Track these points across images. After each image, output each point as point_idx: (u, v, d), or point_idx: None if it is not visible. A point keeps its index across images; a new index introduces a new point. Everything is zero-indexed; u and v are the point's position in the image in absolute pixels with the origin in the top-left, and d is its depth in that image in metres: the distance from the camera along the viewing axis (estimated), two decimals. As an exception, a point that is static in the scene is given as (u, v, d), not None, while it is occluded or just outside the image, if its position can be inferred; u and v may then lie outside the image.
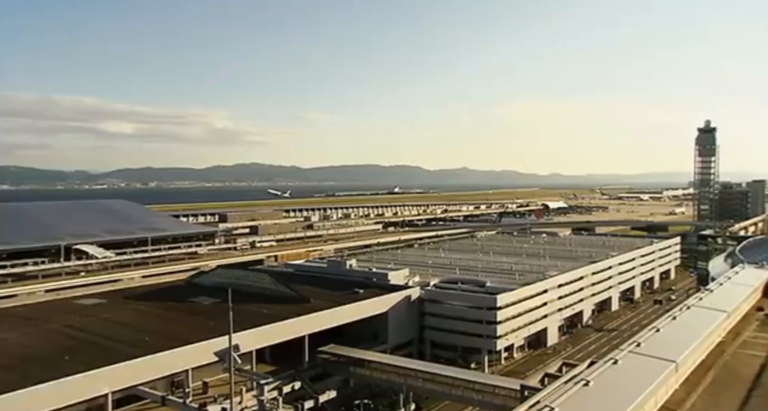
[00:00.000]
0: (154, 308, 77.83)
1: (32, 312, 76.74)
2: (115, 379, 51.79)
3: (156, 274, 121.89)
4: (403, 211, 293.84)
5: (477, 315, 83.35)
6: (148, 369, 54.64)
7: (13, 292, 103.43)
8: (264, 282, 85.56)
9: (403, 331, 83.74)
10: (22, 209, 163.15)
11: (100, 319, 71.56)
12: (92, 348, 58.41)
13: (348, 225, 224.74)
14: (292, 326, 68.40)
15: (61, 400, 48.78)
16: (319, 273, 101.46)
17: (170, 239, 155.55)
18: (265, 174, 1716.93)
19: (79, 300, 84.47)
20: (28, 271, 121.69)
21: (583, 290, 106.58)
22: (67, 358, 54.18)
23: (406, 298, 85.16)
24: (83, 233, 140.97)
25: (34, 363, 53.62)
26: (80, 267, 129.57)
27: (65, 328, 66.71)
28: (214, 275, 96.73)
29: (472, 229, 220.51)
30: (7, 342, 60.95)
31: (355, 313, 77.43)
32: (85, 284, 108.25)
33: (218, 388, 60.69)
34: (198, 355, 57.59)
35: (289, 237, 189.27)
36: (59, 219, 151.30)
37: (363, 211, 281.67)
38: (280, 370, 66.90)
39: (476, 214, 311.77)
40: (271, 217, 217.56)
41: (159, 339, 60.55)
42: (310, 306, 76.05)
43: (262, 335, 64.62)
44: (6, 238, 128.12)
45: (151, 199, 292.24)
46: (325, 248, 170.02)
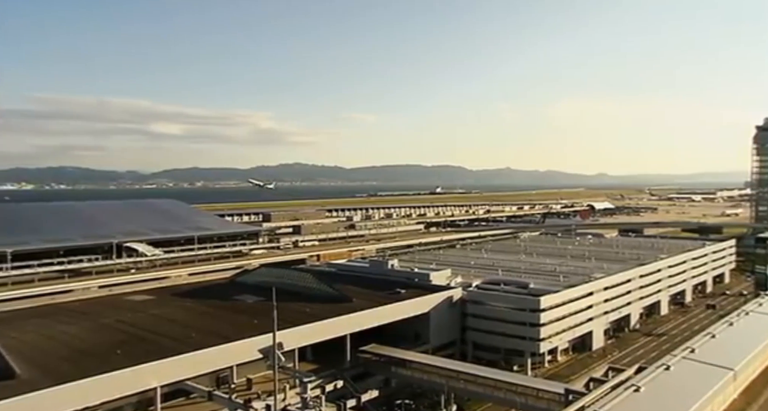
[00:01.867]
0: (199, 305, 79.63)
1: (87, 307, 79.64)
2: (164, 374, 53.26)
3: (202, 272, 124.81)
4: (445, 211, 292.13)
5: (520, 317, 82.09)
6: (195, 365, 55.96)
7: (69, 288, 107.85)
8: (306, 281, 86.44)
9: (444, 331, 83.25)
10: (77, 208, 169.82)
11: (148, 314, 73.68)
12: (142, 343, 60.19)
13: (390, 225, 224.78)
14: (334, 325, 68.88)
15: (114, 391, 50.63)
16: (360, 273, 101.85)
17: (216, 238, 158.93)
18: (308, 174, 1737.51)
19: (130, 296, 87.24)
20: (83, 268, 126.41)
21: (630, 293, 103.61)
22: (119, 352, 55.98)
23: (448, 299, 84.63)
24: (134, 232, 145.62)
25: (90, 355, 55.70)
26: (131, 264, 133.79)
27: (117, 322, 68.97)
28: (257, 274, 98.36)
29: (515, 229, 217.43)
30: (66, 335, 63.55)
31: (397, 313, 77.40)
32: (135, 281, 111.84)
33: (261, 385, 61.69)
34: (242, 352, 58.66)
35: (332, 237, 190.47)
36: (112, 218, 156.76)
37: (405, 211, 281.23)
38: (322, 369, 67.44)
39: (519, 215, 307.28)
40: (313, 217, 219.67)
41: (205, 336, 61.90)
42: (352, 305, 76.42)
43: (304, 334, 65.30)
44: (63, 236, 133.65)
45: (197, 199, 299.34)
46: (366, 248, 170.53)
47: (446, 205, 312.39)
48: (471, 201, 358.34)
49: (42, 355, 55.78)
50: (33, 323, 68.88)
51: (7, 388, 46.47)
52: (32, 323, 68.93)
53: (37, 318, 72.21)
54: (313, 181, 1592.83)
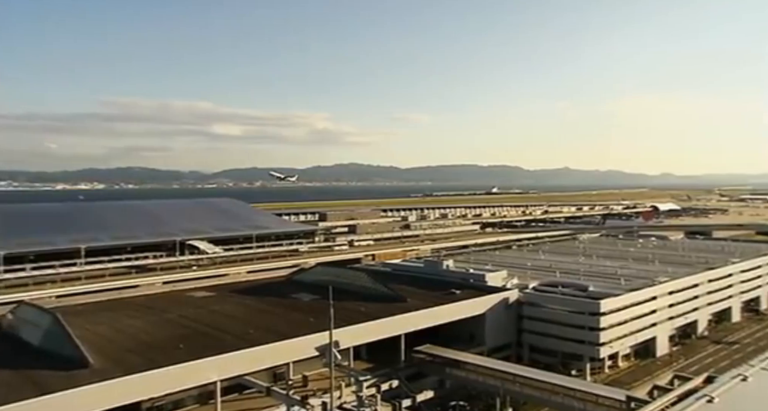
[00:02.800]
0: (257, 303, 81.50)
1: (152, 302, 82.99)
2: (223, 368, 54.84)
3: (259, 270, 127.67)
4: (502, 211, 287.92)
5: (578, 320, 79.99)
6: (253, 360, 57.35)
7: (136, 283, 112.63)
8: (362, 280, 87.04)
9: (500, 333, 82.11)
10: (144, 207, 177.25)
11: (209, 310, 75.99)
12: (203, 338, 62.13)
13: (445, 225, 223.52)
14: (389, 325, 69.09)
15: (177, 384, 52.65)
16: (415, 273, 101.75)
17: (273, 237, 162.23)
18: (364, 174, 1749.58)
19: (191, 292, 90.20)
20: (149, 264, 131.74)
21: (697, 298, 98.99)
22: (182, 346, 57.97)
23: (504, 300, 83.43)
24: (196, 230, 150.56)
25: (155, 348, 57.98)
26: (192, 261, 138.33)
27: (180, 317, 71.49)
28: (313, 273, 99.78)
29: (574, 231, 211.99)
30: (133, 328, 66.41)
31: (452, 313, 76.91)
32: (197, 278, 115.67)
33: (317, 382, 62.49)
34: (299, 350, 59.66)
35: (387, 236, 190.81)
36: (175, 216, 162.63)
37: (460, 211, 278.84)
38: (377, 368, 67.76)
39: (578, 216, 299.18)
40: (369, 217, 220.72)
41: (262, 332, 63.31)
42: (407, 305, 76.43)
43: (359, 332, 65.80)
44: (130, 233, 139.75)
45: (256, 198, 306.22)
46: (421, 248, 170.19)
47: (502, 205, 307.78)
48: (528, 201, 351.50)
49: (111, 346, 58.47)
50: (104, 316, 72.34)
51: (82, 376, 49.19)
52: (103, 316, 72.41)
53: (107, 311, 75.81)
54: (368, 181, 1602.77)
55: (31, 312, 64.75)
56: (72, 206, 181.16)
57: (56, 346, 55.52)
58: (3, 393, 45.52)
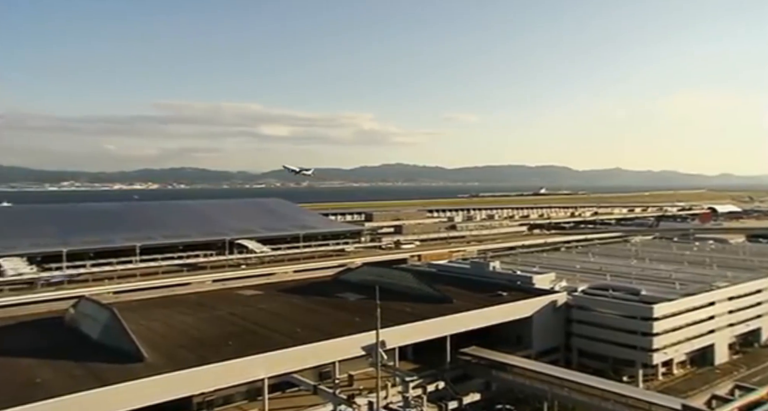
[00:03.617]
0: (304, 302, 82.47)
1: (202, 299, 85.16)
2: (271, 366, 55.76)
3: (306, 270, 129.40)
4: (550, 212, 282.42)
5: (630, 325, 77.61)
6: (300, 359, 58.08)
7: (187, 281, 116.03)
8: (408, 281, 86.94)
9: (548, 336, 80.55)
10: (195, 207, 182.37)
11: (257, 308, 77.38)
12: (251, 335, 63.30)
13: (491, 226, 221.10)
14: (435, 325, 68.78)
15: (226, 380, 53.90)
16: (461, 274, 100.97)
17: (320, 236, 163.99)
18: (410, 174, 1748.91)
19: (240, 290, 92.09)
20: (199, 262, 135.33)
21: (761, 305, 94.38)
22: (231, 343, 59.24)
23: (552, 303, 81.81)
24: (244, 229, 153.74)
25: (205, 345, 59.45)
26: (241, 260, 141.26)
27: (229, 315, 73.09)
28: (359, 272, 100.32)
29: (625, 233, 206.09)
30: (185, 325, 68.33)
31: (498, 315, 75.94)
32: (245, 276, 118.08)
33: (362, 382, 62.78)
34: (345, 349, 60.06)
35: (432, 237, 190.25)
36: (225, 216, 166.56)
37: (507, 212, 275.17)
38: (422, 369, 67.53)
39: (630, 218, 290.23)
40: (415, 217, 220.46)
41: (309, 331, 63.99)
42: (453, 306, 75.91)
43: (405, 333, 65.72)
44: (182, 232, 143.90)
45: (303, 198, 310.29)
46: (468, 249, 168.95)
47: (551, 206, 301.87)
48: (577, 202, 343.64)
49: (164, 341, 60.31)
50: (157, 312, 74.70)
51: (138, 370, 50.98)
52: (156, 312, 74.78)
53: (160, 308, 78.27)
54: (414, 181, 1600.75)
55: (91, 307, 67.42)
56: (128, 206, 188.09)
57: (114, 340, 57.67)
58: (68, 383, 47.74)
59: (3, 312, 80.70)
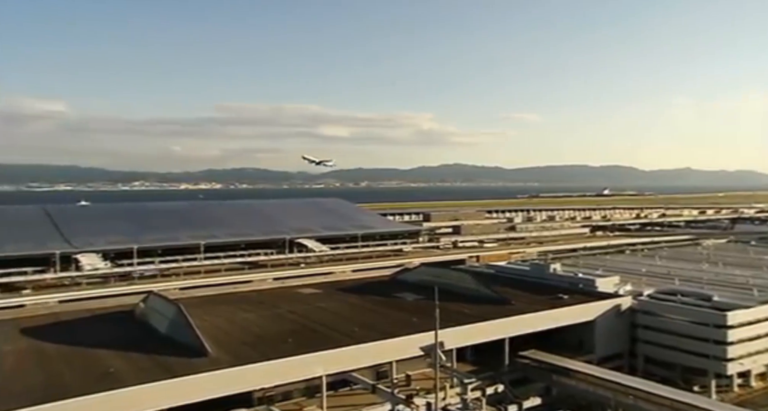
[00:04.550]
0: (362, 301, 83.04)
1: (263, 297, 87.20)
2: (329, 364, 56.39)
3: (364, 269, 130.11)
4: (614, 214, 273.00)
5: (701, 332, 73.80)
6: (358, 357, 58.51)
7: (249, 278, 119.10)
8: (466, 282, 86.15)
9: (611, 342, 77.86)
10: (256, 206, 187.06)
11: (316, 307, 78.48)
12: (310, 333, 64.27)
13: (552, 227, 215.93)
14: (493, 327, 67.82)
15: (286, 376, 54.96)
16: (520, 275, 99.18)
17: (378, 236, 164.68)
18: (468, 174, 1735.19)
19: (299, 289, 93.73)
20: (260, 261, 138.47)
21: None
22: (290, 341, 60.34)
23: (616, 308, 79.01)
24: (304, 228, 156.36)
25: (265, 341, 60.82)
26: (300, 259, 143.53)
27: (288, 313, 74.51)
28: (417, 273, 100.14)
29: (696, 236, 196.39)
30: (246, 321, 70.19)
31: (559, 318, 74.04)
32: (304, 275, 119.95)
33: (420, 382, 62.65)
34: (403, 349, 60.03)
35: (491, 238, 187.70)
36: (285, 215, 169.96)
37: (569, 213, 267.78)
38: (480, 371, 66.69)
39: (701, 220, 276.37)
40: (473, 218, 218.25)
41: (367, 330, 64.36)
42: (512, 308, 74.64)
43: (464, 334, 65.08)
44: (244, 231, 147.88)
45: (361, 198, 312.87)
46: (527, 251, 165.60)
47: (615, 207, 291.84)
48: (643, 203, 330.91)
49: (227, 337, 62.09)
50: (220, 309, 77.06)
51: (202, 364, 52.75)
52: (220, 309, 77.15)
53: (223, 304, 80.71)
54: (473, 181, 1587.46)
55: (159, 302, 70.26)
56: (193, 205, 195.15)
57: (180, 334, 59.87)
58: (138, 374, 50.08)
59: (81, 305, 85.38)
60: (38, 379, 49.61)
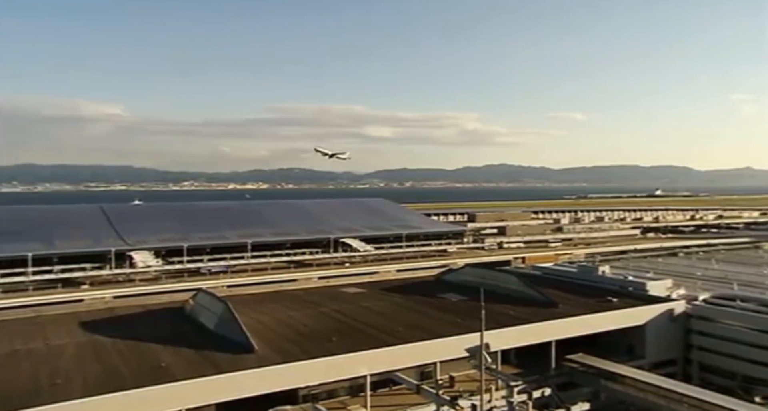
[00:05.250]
0: (406, 301, 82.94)
1: (308, 295, 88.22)
2: (373, 363, 56.59)
3: (408, 269, 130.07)
4: (666, 215, 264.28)
5: (763, 340, 70.44)
6: (402, 357, 58.47)
7: (294, 277, 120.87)
8: (511, 283, 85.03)
9: (663, 347, 75.34)
10: (302, 206, 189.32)
11: (360, 306, 78.84)
12: (354, 332, 64.63)
13: (601, 229, 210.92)
14: (539, 330, 66.66)
15: (331, 375, 55.37)
16: (567, 278, 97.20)
17: (422, 236, 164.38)
18: (514, 175, 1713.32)
19: (344, 288, 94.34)
20: (305, 260, 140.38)
21: None
22: (335, 339, 60.83)
23: (668, 312, 76.41)
24: (348, 228, 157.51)
25: (310, 339, 61.49)
26: (345, 258, 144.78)
27: (333, 312, 75.10)
28: (462, 273, 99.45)
29: (756, 238, 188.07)
30: (292, 319, 71.13)
31: (608, 322, 72.15)
32: (349, 274, 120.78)
33: (463, 384, 62.11)
34: (447, 349, 59.71)
35: (537, 239, 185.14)
36: (330, 215, 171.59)
37: (618, 214, 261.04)
38: (525, 374, 65.54)
39: (763, 222, 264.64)
40: (519, 219, 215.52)
41: (411, 330, 64.27)
42: (558, 311, 73.23)
43: (509, 336, 64.22)
44: (290, 230, 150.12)
45: (406, 198, 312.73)
46: (575, 252, 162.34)
47: (667, 208, 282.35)
48: (698, 205, 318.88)
49: (273, 335, 63.10)
50: (266, 307, 78.38)
51: (249, 360, 53.82)
52: (265, 306, 78.49)
53: (269, 302, 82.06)
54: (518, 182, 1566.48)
55: (208, 299, 72.03)
56: (240, 205, 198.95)
57: (227, 331, 61.20)
58: (188, 368, 51.50)
59: (134, 300, 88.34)
60: (96, 371, 51.64)
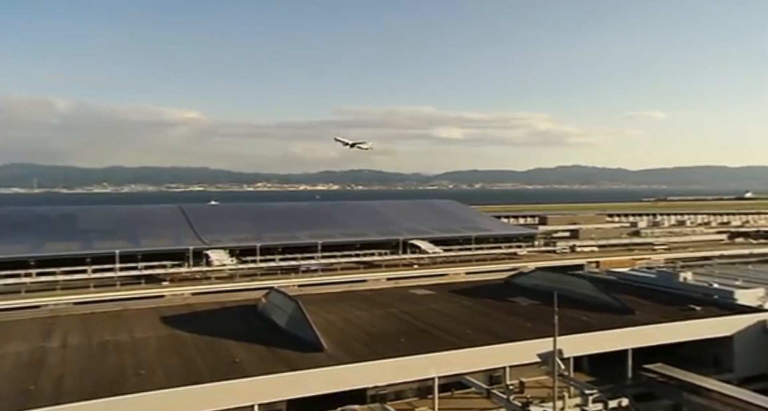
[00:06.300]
0: (474, 304, 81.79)
1: (377, 296, 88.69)
2: (442, 366, 56.07)
3: (478, 272, 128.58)
4: (758, 219, 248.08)
5: None
6: (471, 360, 57.63)
7: (363, 277, 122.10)
8: (584, 288, 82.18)
9: (754, 361, 70.34)
10: (371, 207, 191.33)
11: (428, 308, 78.38)
12: (423, 334, 64.31)
13: (682, 233, 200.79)
14: (616, 337, 63.98)
15: (399, 376, 55.40)
16: (645, 284, 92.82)
17: (492, 239, 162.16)
18: (588, 176, 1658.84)
19: (413, 290, 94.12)
20: (374, 261, 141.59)
21: None
22: (403, 340, 60.81)
23: (761, 324, 71.30)
24: (417, 230, 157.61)
25: (379, 340, 61.74)
26: (414, 260, 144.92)
27: (401, 313, 75.12)
28: (532, 277, 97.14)
29: None
30: (360, 319, 71.76)
31: (690, 332, 68.22)
32: (418, 276, 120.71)
33: (533, 390, 60.50)
34: (518, 354, 58.37)
35: (613, 243, 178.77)
36: (399, 216, 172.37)
37: (702, 218, 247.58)
38: (599, 383, 63.15)
39: None
40: (593, 221, 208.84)
41: (480, 334, 63.28)
42: (635, 318, 70.03)
43: (582, 342, 62.06)
44: (359, 231, 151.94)
45: (475, 200, 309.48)
46: (653, 257, 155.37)
47: (759, 212, 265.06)
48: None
49: (342, 334, 63.83)
50: (335, 306, 79.39)
51: (319, 358, 54.61)
52: (335, 306, 79.52)
53: (338, 302, 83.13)
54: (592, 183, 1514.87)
55: (279, 298, 73.81)
56: (311, 205, 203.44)
57: (298, 329, 62.46)
58: (260, 365, 52.87)
59: (210, 297, 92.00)
60: (176, 363, 54.05)
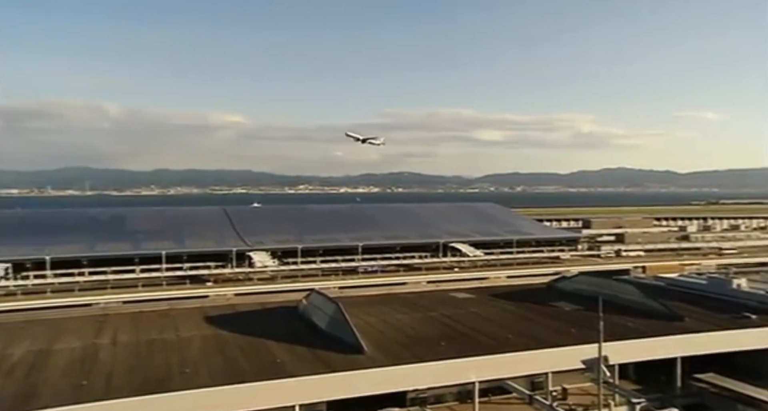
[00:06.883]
0: (516, 308, 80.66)
1: (417, 299, 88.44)
2: (482, 370, 55.46)
3: (519, 276, 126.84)
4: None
5: None
6: (512, 365, 56.85)
7: (403, 280, 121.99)
8: (629, 293, 79.96)
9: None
10: (411, 209, 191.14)
11: (469, 312, 77.72)
12: (463, 337, 63.78)
13: (736, 238, 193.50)
14: (664, 344, 61.98)
15: (439, 379, 55.09)
16: (695, 290, 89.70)
17: (533, 242, 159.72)
18: (634, 179, 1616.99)
19: (453, 293, 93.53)
20: (414, 264, 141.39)
21: None
22: (443, 344, 60.43)
23: (820, 333, 68.04)
24: (458, 233, 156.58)
25: (419, 343, 61.47)
26: (454, 263, 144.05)
27: (441, 316, 74.68)
28: (575, 281, 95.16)
29: None
30: (400, 322, 71.67)
31: (744, 341, 65.45)
32: (458, 279, 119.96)
33: (576, 397, 59.34)
34: (560, 360, 57.27)
35: (660, 247, 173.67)
36: (439, 219, 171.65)
37: (757, 222, 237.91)
38: (646, 391, 61.34)
39: None
40: (639, 225, 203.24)
41: (521, 338, 62.37)
42: (684, 325, 67.71)
43: (629, 349, 60.35)
44: (399, 233, 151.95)
45: (517, 203, 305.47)
46: (704, 263, 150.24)
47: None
48: None
49: (382, 337, 63.86)
50: (375, 309, 79.53)
51: (360, 361, 54.78)
52: (375, 309, 79.67)
53: (378, 305, 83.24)
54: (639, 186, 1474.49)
55: (320, 300, 74.41)
56: (351, 208, 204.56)
57: (338, 331, 62.80)
58: (301, 365, 53.41)
59: (252, 298, 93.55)
60: (219, 363, 55.09)
